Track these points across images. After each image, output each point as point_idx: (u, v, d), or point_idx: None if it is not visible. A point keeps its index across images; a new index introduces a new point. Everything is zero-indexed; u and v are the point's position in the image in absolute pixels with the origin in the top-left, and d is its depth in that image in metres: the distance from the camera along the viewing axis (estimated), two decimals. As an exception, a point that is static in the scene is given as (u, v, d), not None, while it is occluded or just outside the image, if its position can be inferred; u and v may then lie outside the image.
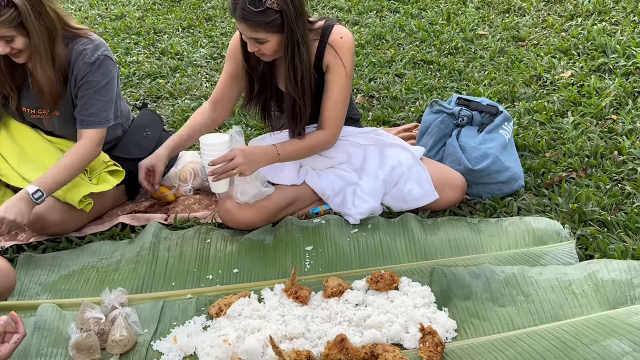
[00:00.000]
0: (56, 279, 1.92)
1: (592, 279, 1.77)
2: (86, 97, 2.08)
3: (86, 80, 2.07)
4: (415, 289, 1.79)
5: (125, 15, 4.61)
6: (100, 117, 2.11)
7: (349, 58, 2.06)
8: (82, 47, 2.06)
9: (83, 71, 2.06)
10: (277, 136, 2.26)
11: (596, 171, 2.33)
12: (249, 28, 1.89)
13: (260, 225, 2.12)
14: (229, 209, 2.08)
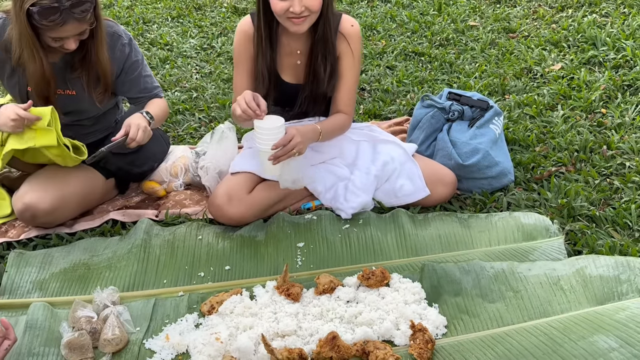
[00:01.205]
0: (47, 276, 1.92)
1: (581, 275, 1.80)
2: (139, 77, 2.20)
3: (132, 62, 2.16)
4: (406, 286, 1.81)
5: (114, 4, 4.55)
6: (159, 87, 2.29)
7: (359, 45, 2.15)
8: (112, 30, 2.12)
9: (123, 53, 2.13)
10: None
11: (585, 166, 2.35)
12: None
13: (250, 220, 2.12)
14: (219, 204, 2.08)
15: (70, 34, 1.92)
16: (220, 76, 3.34)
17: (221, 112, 2.97)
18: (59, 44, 1.95)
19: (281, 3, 1.91)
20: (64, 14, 1.84)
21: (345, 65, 2.14)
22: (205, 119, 2.93)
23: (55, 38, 1.92)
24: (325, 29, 2.05)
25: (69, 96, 2.14)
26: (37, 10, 1.82)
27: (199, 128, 2.86)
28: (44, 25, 1.86)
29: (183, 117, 2.94)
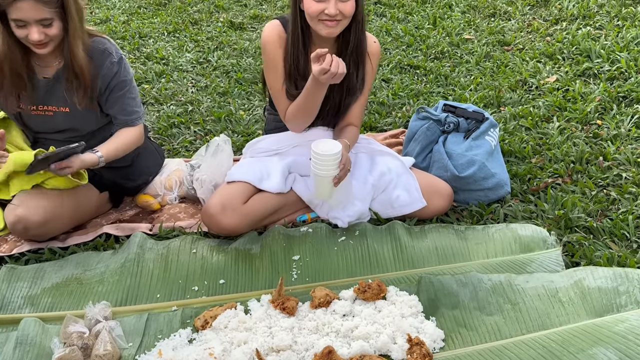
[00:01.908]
0: (39, 291, 1.89)
1: (579, 287, 1.78)
2: (122, 97, 2.13)
3: (118, 81, 2.11)
4: (402, 299, 1.79)
5: (110, 19, 4.57)
6: (139, 113, 2.20)
7: (378, 62, 2.22)
8: (104, 47, 2.08)
9: (111, 71, 2.08)
10: (274, 137, 2.28)
11: (582, 177, 2.35)
12: None
13: (244, 231, 2.10)
14: (212, 214, 2.06)
15: (29, 16, 1.86)
16: (216, 90, 3.34)
17: (216, 125, 2.96)
18: (24, 33, 1.90)
19: (317, 5, 1.93)
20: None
21: (365, 78, 2.18)
22: (200, 132, 2.92)
23: (18, 22, 1.87)
24: (360, 36, 2.08)
25: (64, 113, 2.12)
26: None
27: (194, 141, 2.85)
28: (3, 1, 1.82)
29: (178, 131, 2.93)
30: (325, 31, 1.97)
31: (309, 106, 2.04)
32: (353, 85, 2.13)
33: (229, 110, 3.08)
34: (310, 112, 2.08)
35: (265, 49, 2.10)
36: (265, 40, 2.10)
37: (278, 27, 2.09)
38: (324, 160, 1.96)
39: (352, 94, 2.16)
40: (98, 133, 2.24)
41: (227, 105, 3.16)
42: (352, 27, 2.03)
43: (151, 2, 4.85)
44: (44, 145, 2.14)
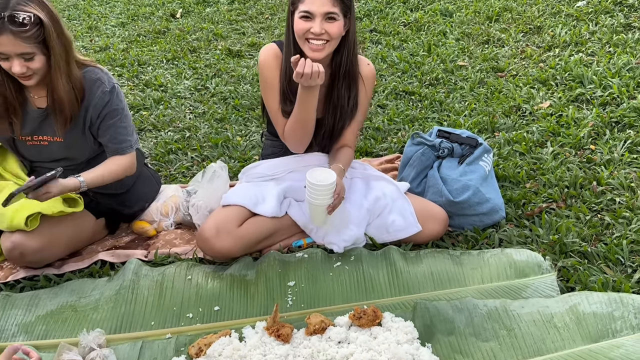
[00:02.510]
0: (33, 319, 1.88)
1: (574, 312, 1.78)
2: (113, 126, 2.14)
3: (110, 109, 2.11)
4: (398, 325, 1.78)
5: (110, 47, 4.63)
6: (131, 142, 2.20)
7: (373, 84, 2.26)
8: (96, 76, 2.10)
9: (103, 100, 2.10)
10: (270, 162, 2.29)
11: (576, 202, 2.36)
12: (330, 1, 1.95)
13: (238, 255, 2.11)
14: (207, 237, 2.06)
15: (10, 51, 1.88)
16: (214, 116, 3.37)
17: (214, 151, 2.98)
18: (7, 66, 1.92)
19: (303, 23, 1.97)
20: (0, 22, 1.83)
21: (360, 102, 2.21)
22: (197, 158, 2.95)
23: (0, 55, 1.89)
24: (352, 60, 2.11)
25: (58, 143, 2.14)
26: None
27: (191, 167, 2.87)
28: None
29: (175, 157, 2.95)
30: (310, 54, 2.00)
31: (303, 117, 2.07)
32: (345, 109, 2.17)
33: (226, 136, 3.11)
34: (306, 124, 2.10)
35: (262, 69, 2.15)
36: (262, 61, 2.14)
37: (274, 49, 2.14)
38: (318, 190, 1.98)
39: (345, 117, 2.19)
40: (94, 161, 2.24)
41: (225, 131, 3.19)
42: (343, 51, 2.07)
43: (150, 31, 4.92)
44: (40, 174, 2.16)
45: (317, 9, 1.95)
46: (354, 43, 2.09)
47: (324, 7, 1.95)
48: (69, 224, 2.16)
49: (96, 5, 5.85)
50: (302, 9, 1.96)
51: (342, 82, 2.12)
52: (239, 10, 5.27)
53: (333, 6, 1.96)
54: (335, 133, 2.23)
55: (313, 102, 2.02)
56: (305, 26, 1.97)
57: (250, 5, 5.37)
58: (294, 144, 2.19)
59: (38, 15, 1.87)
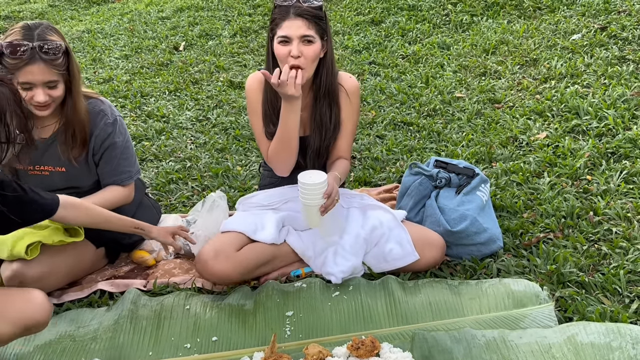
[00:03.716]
0: (31, 349, 1.89)
1: (572, 343, 1.78)
2: (115, 158, 2.20)
3: (112, 142, 2.17)
4: (396, 355, 1.78)
5: (113, 78, 4.71)
6: (131, 172, 2.26)
7: (358, 95, 2.32)
8: (99, 108, 2.16)
9: (105, 132, 2.15)
10: (267, 192, 2.32)
11: (573, 232, 2.37)
12: (306, 24, 2.05)
13: (236, 279, 2.12)
14: (205, 260, 2.08)
15: (38, 79, 1.93)
16: (215, 146, 3.41)
17: (214, 180, 3.01)
18: (29, 96, 1.96)
19: (283, 48, 2.07)
20: (30, 52, 1.90)
21: (345, 114, 2.29)
22: (198, 187, 2.98)
23: (24, 85, 1.95)
24: (331, 79, 2.21)
25: (60, 173, 2.18)
26: (7, 46, 1.88)
27: (192, 197, 2.89)
28: (12, 63, 1.90)
29: (176, 186, 2.98)
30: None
31: (286, 136, 2.13)
32: (328, 126, 2.24)
33: (227, 166, 3.14)
34: (289, 143, 2.15)
35: (248, 95, 2.27)
36: (247, 87, 2.27)
37: (258, 75, 2.25)
38: (309, 190, 2.02)
39: (330, 136, 2.26)
40: (98, 188, 2.29)
41: (225, 161, 3.23)
42: (322, 71, 2.17)
43: (153, 63, 5.02)
44: None
45: (294, 32, 2.05)
46: (332, 63, 2.20)
47: (299, 30, 2.05)
48: (69, 254, 2.18)
49: (100, 38, 5.97)
50: (280, 34, 2.07)
51: (323, 102, 2.22)
52: (241, 43, 5.37)
53: (308, 29, 2.06)
54: (322, 152, 2.29)
55: (295, 119, 2.09)
56: (284, 50, 2.07)
57: (252, 38, 5.48)
58: (279, 165, 2.24)
59: (63, 44, 1.94)
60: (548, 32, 4.61)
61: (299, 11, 2.06)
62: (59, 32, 2.02)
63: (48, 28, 1.98)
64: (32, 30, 1.95)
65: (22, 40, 1.91)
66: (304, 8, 2.06)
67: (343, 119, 2.29)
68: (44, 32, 1.95)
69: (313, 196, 2.03)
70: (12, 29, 1.97)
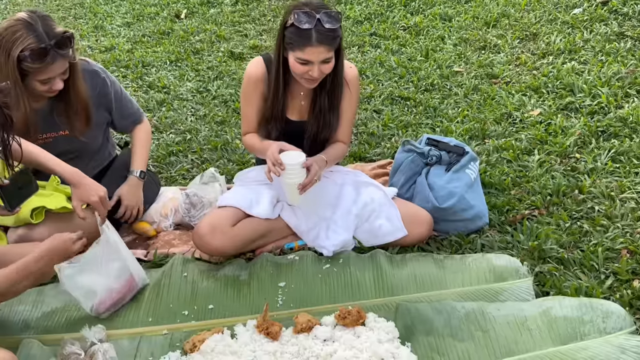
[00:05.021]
0: (39, 315, 2.01)
1: (547, 316, 1.88)
2: (120, 102, 2.42)
3: (112, 90, 2.37)
4: (380, 325, 1.90)
5: (115, 47, 4.74)
6: (139, 108, 2.53)
7: (357, 85, 2.37)
8: (90, 68, 2.29)
9: (104, 85, 2.33)
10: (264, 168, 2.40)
11: (557, 209, 2.46)
12: (327, 49, 2.06)
13: (231, 253, 2.23)
14: (202, 234, 2.19)
15: (57, 73, 2.05)
16: (214, 119, 3.48)
17: (213, 154, 3.10)
18: (46, 87, 2.07)
19: (302, 67, 2.10)
20: (52, 53, 1.99)
21: (344, 104, 2.34)
22: (197, 160, 3.06)
23: (43, 80, 2.05)
24: (339, 81, 2.25)
25: (64, 137, 2.27)
26: (29, 54, 1.96)
27: (191, 169, 2.98)
28: (36, 67, 1.99)
29: (176, 159, 3.07)
30: (307, 85, 2.18)
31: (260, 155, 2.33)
32: (327, 122, 2.31)
33: (226, 140, 3.22)
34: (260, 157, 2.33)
35: (247, 82, 2.31)
36: (248, 75, 2.29)
37: (261, 66, 2.27)
38: (288, 169, 2.11)
39: (327, 129, 2.33)
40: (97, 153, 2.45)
41: (224, 134, 3.31)
42: (329, 75, 2.19)
43: (155, 31, 5.03)
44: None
45: (316, 58, 2.07)
46: (342, 69, 2.22)
47: (321, 55, 2.07)
48: (73, 221, 2.28)
49: (102, 4, 5.96)
50: (301, 57, 2.07)
51: (324, 99, 2.26)
52: (242, 11, 5.37)
53: (328, 52, 2.08)
54: (319, 139, 2.34)
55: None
56: (304, 69, 2.10)
57: (254, 7, 5.46)
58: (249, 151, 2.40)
59: (69, 31, 2.04)
60: (550, 5, 4.59)
61: (321, 38, 2.02)
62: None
63: (47, 18, 2.04)
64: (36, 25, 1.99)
65: (38, 43, 1.97)
66: (326, 34, 2.03)
67: (343, 108, 2.34)
68: (50, 25, 2.02)
69: (291, 175, 2.12)
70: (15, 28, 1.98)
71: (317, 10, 2.03)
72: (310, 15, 2.01)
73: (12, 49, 1.94)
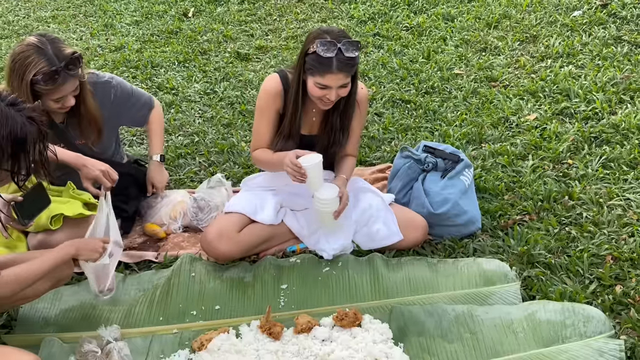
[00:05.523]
0: (57, 312, 2.16)
1: (531, 319, 2.01)
2: (133, 97, 2.58)
3: (126, 93, 2.55)
4: (375, 326, 2.03)
5: (124, 46, 4.86)
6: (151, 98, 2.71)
7: (367, 104, 2.54)
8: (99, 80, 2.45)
9: (117, 91, 2.49)
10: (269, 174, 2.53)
11: (547, 215, 2.57)
12: (346, 76, 2.18)
13: (237, 257, 2.37)
14: (210, 240, 2.33)
15: (68, 92, 2.20)
16: (221, 121, 3.61)
17: (220, 156, 3.22)
18: (59, 105, 2.22)
19: (320, 91, 2.21)
20: (62, 74, 2.13)
21: (354, 122, 2.45)
22: (205, 163, 3.19)
23: (56, 99, 2.19)
24: (352, 103, 2.36)
25: (80, 145, 2.41)
26: (41, 78, 2.10)
27: (199, 172, 3.11)
28: (48, 89, 2.13)
29: (185, 161, 3.20)
30: (323, 107, 2.29)
31: (271, 170, 2.44)
32: (337, 140, 2.42)
33: (232, 142, 3.34)
34: (273, 170, 2.44)
35: (265, 97, 2.38)
36: (267, 90, 2.37)
37: (279, 83, 2.35)
38: (323, 203, 2.26)
39: (336, 145, 2.43)
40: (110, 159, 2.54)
41: (231, 136, 3.43)
42: (345, 97, 2.29)
43: (163, 30, 5.15)
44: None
45: (334, 83, 2.18)
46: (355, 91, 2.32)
47: (339, 81, 2.18)
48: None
49: (111, 1, 6.07)
50: (320, 82, 2.17)
51: (336, 119, 2.37)
52: (249, 10, 5.46)
53: (346, 78, 2.19)
54: (328, 156, 2.42)
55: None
56: (322, 93, 2.21)
57: (260, 5, 5.56)
58: (258, 166, 2.52)
59: (77, 52, 2.17)
60: (550, 7, 4.66)
61: (341, 66, 2.12)
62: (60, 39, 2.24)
63: (56, 41, 2.18)
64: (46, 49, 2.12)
65: (49, 67, 2.10)
66: (346, 62, 2.13)
67: (352, 126, 2.45)
68: (60, 46, 2.15)
69: (328, 206, 2.27)
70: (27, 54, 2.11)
71: (339, 40, 2.14)
72: (332, 44, 2.12)
73: (25, 73, 2.08)
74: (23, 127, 1.59)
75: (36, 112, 1.63)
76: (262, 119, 2.40)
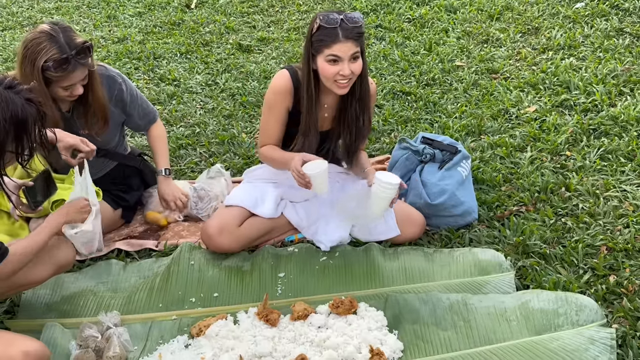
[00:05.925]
0: (58, 299, 2.20)
1: (525, 308, 2.04)
2: (136, 104, 2.57)
3: (128, 95, 2.51)
4: (370, 314, 2.06)
5: (127, 38, 4.88)
6: (153, 108, 2.69)
7: (375, 99, 2.54)
8: (108, 73, 2.46)
9: (121, 90, 2.48)
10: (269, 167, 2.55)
11: (544, 206, 2.60)
12: (354, 44, 2.17)
13: (237, 250, 2.40)
14: (211, 234, 2.36)
15: (78, 80, 2.23)
16: (222, 112, 3.63)
17: (220, 147, 3.25)
18: (68, 92, 2.25)
19: (332, 67, 2.19)
20: (72, 62, 2.17)
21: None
22: (205, 153, 3.22)
23: (65, 87, 2.23)
24: (366, 87, 2.34)
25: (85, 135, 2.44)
26: (52, 64, 2.13)
27: (199, 162, 3.15)
28: (58, 76, 2.17)
29: (186, 152, 3.23)
30: (339, 91, 2.25)
31: (281, 167, 2.41)
32: (360, 128, 2.39)
33: (232, 133, 3.37)
34: (280, 167, 2.42)
35: (275, 94, 2.35)
36: (277, 86, 2.34)
37: (288, 81, 2.33)
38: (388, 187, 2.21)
39: (361, 136, 2.42)
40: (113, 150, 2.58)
41: (231, 128, 3.46)
42: (357, 81, 2.29)
43: (166, 22, 5.17)
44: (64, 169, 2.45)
45: (345, 53, 2.16)
46: (366, 73, 2.32)
47: (350, 50, 2.17)
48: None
49: (115, -8, 6.09)
50: (330, 53, 2.16)
51: (355, 106, 2.34)
52: (251, 2, 5.47)
53: (356, 46, 2.18)
54: (352, 151, 2.46)
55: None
56: (335, 69, 2.18)
57: (263, -4, 5.57)
58: (264, 162, 2.51)
59: (88, 41, 2.21)
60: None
61: (348, 34, 2.14)
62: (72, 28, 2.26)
63: (67, 30, 2.20)
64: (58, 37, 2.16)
65: (60, 54, 2.13)
66: (352, 30, 2.15)
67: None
68: (71, 35, 2.18)
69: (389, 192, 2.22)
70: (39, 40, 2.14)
71: (339, 13, 2.20)
72: (335, 14, 2.18)
73: (36, 60, 2.11)
74: (23, 108, 1.63)
75: (33, 94, 1.67)
76: (270, 116, 2.38)
